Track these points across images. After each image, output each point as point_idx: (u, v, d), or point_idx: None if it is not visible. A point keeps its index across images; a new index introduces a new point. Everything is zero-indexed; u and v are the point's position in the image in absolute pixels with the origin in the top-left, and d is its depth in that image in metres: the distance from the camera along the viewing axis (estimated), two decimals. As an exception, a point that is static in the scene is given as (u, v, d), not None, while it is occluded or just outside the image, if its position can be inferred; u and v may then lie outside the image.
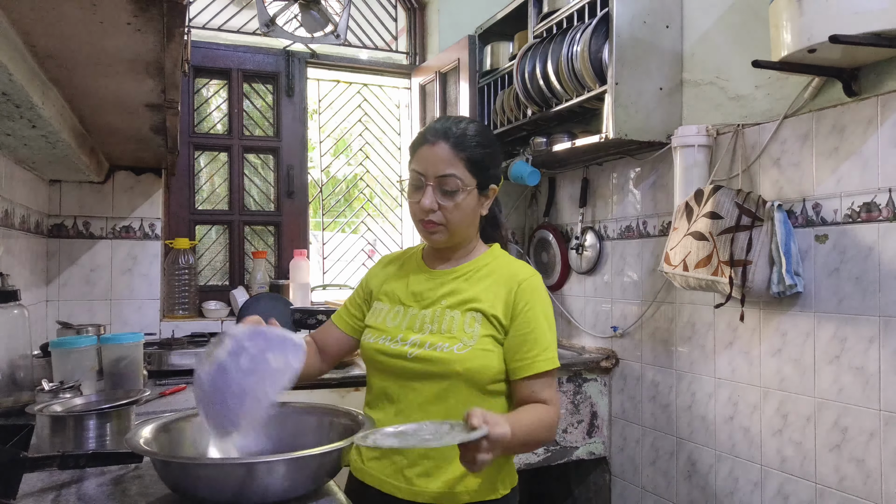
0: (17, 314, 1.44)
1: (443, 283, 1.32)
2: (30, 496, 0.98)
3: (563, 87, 2.40)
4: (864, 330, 1.70)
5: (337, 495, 1.00)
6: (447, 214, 1.25)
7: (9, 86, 1.11)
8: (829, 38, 1.50)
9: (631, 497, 2.53)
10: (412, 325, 1.29)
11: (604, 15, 2.20)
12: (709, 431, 2.18)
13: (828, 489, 1.78)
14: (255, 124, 3.20)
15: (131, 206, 2.64)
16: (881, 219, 1.66)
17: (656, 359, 2.41)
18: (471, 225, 1.31)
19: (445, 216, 1.26)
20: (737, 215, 1.85)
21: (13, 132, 1.49)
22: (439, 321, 1.27)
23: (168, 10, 0.95)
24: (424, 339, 1.25)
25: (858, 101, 1.71)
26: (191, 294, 2.82)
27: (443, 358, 1.21)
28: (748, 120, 2.03)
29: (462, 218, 1.27)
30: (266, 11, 2.96)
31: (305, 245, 3.18)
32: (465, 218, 1.28)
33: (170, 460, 0.95)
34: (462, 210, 1.26)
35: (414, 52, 3.49)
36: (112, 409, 1.20)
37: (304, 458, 0.95)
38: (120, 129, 1.83)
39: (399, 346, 1.26)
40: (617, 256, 2.61)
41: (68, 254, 2.55)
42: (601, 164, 2.67)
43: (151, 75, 1.29)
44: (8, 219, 1.89)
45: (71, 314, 2.51)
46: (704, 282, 1.92)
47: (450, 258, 1.35)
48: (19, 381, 1.44)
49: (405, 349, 1.25)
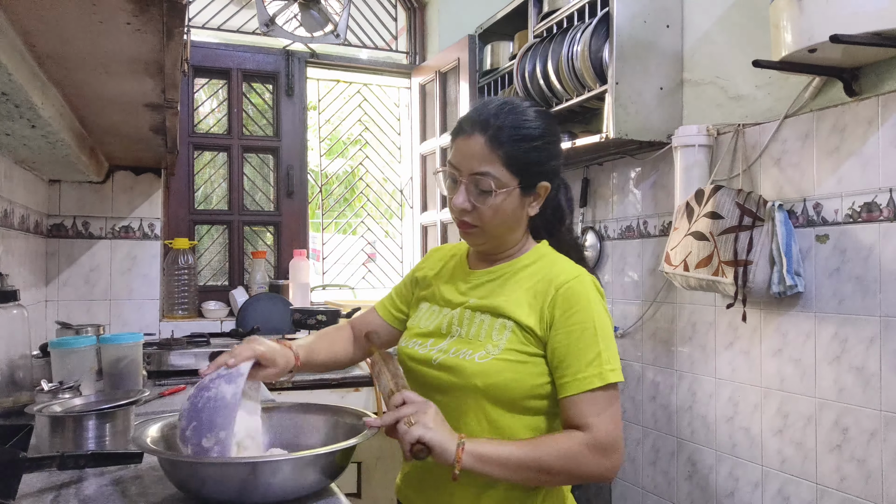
0: (17, 314, 1.44)
1: (477, 286, 1.17)
2: (29, 496, 0.98)
3: (563, 86, 2.40)
4: (864, 330, 1.69)
5: (339, 496, 1.00)
6: (483, 216, 1.10)
7: (8, 86, 1.11)
8: (830, 37, 1.49)
9: (631, 497, 2.53)
10: (444, 328, 1.16)
11: (604, 15, 2.20)
12: (709, 432, 2.18)
13: (828, 489, 1.78)
14: (255, 124, 3.20)
15: (131, 206, 2.63)
16: (882, 219, 1.66)
17: (657, 359, 2.40)
18: (514, 228, 1.15)
19: (481, 218, 1.10)
20: (737, 215, 1.85)
21: (13, 132, 1.49)
22: (468, 325, 1.13)
23: (168, 10, 0.94)
24: (451, 344, 1.12)
25: (859, 101, 1.71)
26: (190, 294, 2.82)
27: (463, 367, 1.07)
28: (748, 120, 2.02)
29: (501, 221, 1.11)
30: (266, 11, 2.96)
31: (305, 245, 3.18)
32: (505, 221, 1.11)
33: (177, 459, 0.95)
34: (500, 213, 1.10)
35: (414, 51, 3.48)
36: (112, 410, 1.20)
37: (308, 458, 0.95)
38: (120, 129, 1.83)
39: (427, 350, 1.14)
40: (617, 256, 2.61)
41: (68, 254, 2.55)
42: (601, 164, 2.67)
43: (151, 75, 1.28)
44: (7, 219, 1.89)
45: (70, 314, 2.50)
46: (705, 282, 1.92)
47: (491, 259, 1.20)
48: (19, 382, 1.43)
49: (432, 354, 1.13)
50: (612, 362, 1.04)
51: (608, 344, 1.06)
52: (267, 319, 2.76)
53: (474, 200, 1.09)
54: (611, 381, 1.03)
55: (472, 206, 1.09)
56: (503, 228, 1.13)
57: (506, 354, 1.06)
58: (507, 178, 1.08)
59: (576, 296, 1.07)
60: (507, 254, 1.18)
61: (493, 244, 1.16)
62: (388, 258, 3.55)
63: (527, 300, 1.10)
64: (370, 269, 3.51)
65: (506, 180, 1.08)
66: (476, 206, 1.09)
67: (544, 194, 1.15)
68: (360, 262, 3.48)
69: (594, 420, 1.02)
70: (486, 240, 1.14)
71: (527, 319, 1.08)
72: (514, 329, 1.08)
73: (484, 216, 1.10)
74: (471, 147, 1.09)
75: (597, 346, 1.04)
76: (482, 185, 1.08)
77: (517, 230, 1.16)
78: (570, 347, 1.05)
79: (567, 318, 1.06)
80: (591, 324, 1.05)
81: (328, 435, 1.13)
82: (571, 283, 1.08)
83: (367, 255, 3.50)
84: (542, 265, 1.14)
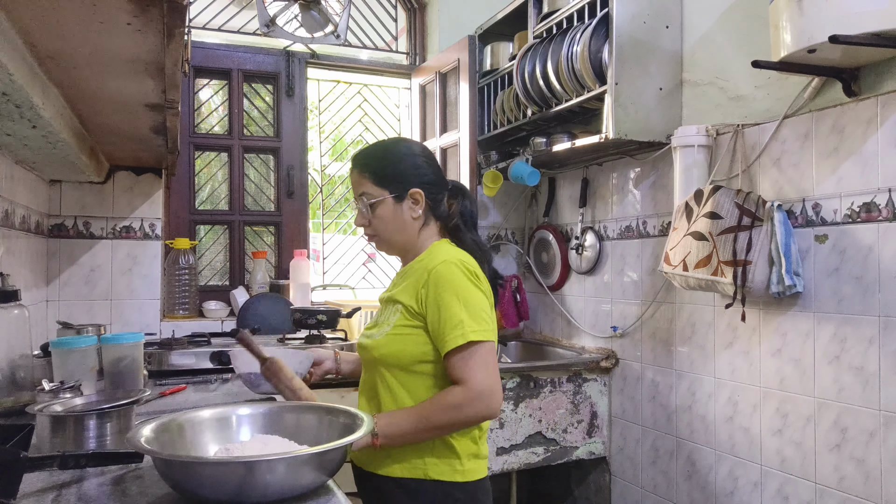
0: (18, 314, 1.44)
1: (396, 284, 1.44)
2: (30, 496, 0.98)
3: (563, 87, 2.40)
4: (863, 330, 1.70)
5: (337, 494, 1.00)
6: (375, 227, 1.40)
7: (9, 86, 1.11)
8: (829, 38, 1.50)
9: (631, 497, 2.54)
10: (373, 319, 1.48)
11: (604, 15, 2.20)
12: (709, 431, 2.18)
13: (828, 489, 1.78)
14: (256, 124, 3.21)
15: (131, 206, 2.64)
16: (881, 219, 1.66)
17: (656, 359, 2.41)
18: (401, 231, 1.40)
19: (374, 228, 1.40)
20: (737, 215, 1.86)
21: (13, 132, 1.49)
22: (382, 314, 1.43)
23: (168, 11, 0.95)
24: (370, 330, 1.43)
25: (858, 102, 1.71)
26: (191, 294, 2.82)
27: (368, 345, 1.37)
28: (748, 120, 2.03)
29: (386, 227, 1.39)
30: (266, 11, 2.96)
31: (306, 245, 3.18)
32: (390, 226, 1.39)
33: (171, 459, 0.95)
34: (383, 220, 1.39)
35: (414, 52, 3.49)
36: (112, 409, 1.20)
37: (303, 457, 0.95)
38: (120, 129, 1.83)
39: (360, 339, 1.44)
40: (617, 256, 2.61)
41: (68, 254, 2.55)
42: (601, 165, 2.67)
43: (151, 75, 1.29)
44: (8, 219, 1.89)
45: (71, 314, 2.51)
46: (704, 282, 1.92)
47: (405, 262, 1.46)
48: (19, 381, 1.44)
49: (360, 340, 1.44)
50: (473, 325, 1.26)
51: (472, 311, 1.27)
52: (267, 319, 2.76)
53: (365, 216, 1.40)
54: (472, 339, 1.24)
55: (365, 220, 1.40)
56: (393, 233, 1.40)
57: (394, 330, 1.34)
58: (377, 191, 1.38)
59: (441, 276, 1.30)
60: (412, 254, 1.43)
61: (394, 248, 1.44)
62: (388, 258, 3.55)
63: (411, 286, 1.35)
64: (370, 269, 3.51)
65: (377, 193, 1.38)
66: (368, 220, 1.39)
67: (422, 199, 1.39)
68: (360, 262, 3.48)
69: (468, 373, 1.25)
70: (386, 246, 1.44)
71: (409, 301, 1.34)
72: (401, 311, 1.34)
73: (376, 227, 1.40)
74: (352, 179, 1.42)
75: (459, 313, 1.26)
76: (362, 203, 1.39)
77: (406, 232, 1.41)
78: (438, 317, 1.28)
79: (436, 295, 1.29)
80: (453, 296, 1.28)
81: (325, 433, 1.14)
82: (438, 267, 1.31)
83: (367, 255, 3.50)
84: (428, 258, 1.38)
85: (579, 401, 2.57)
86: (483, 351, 1.26)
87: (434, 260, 1.35)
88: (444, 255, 1.36)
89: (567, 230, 2.91)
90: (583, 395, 2.58)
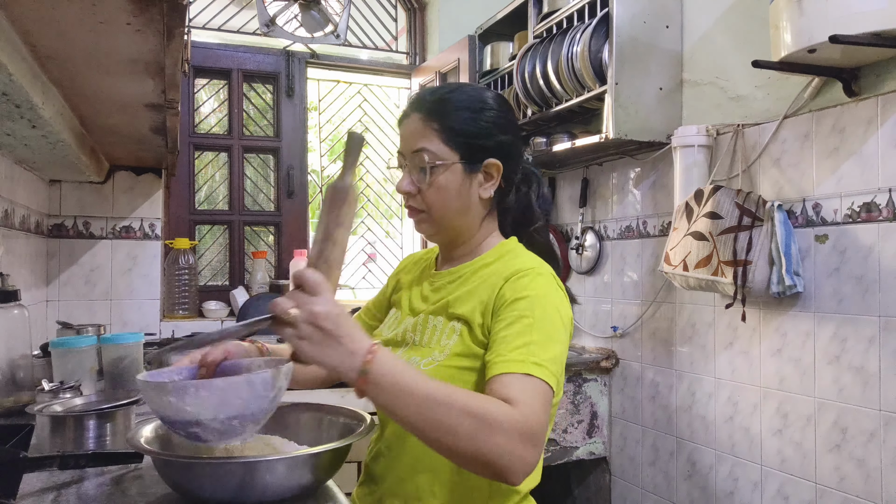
0: (18, 314, 1.44)
1: (439, 288, 1.10)
2: (30, 496, 0.98)
3: (563, 87, 2.40)
4: (864, 330, 1.70)
5: (336, 494, 1.00)
6: (426, 199, 1.04)
7: (9, 86, 1.11)
8: (829, 38, 1.50)
9: (631, 497, 2.53)
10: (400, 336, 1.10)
11: (604, 15, 2.20)
12: (709, 431, 2.18)
13: (828, 489, 1.78)
14: (256, 124, 3.21)
15: (131, 206, 2.64)
16: (881, 219, 1.66)
17: (656, 359, 2.41)
18: (462, 211, 1.06)
19: (425, 201, 1.04)
20: (737, 215, 1.86)
21: (13, 132, 1.49)
22: (422, 331, 1.07)
23: (168, 10, 0.95)
24: (404, 353, 1.06)
25: (858, 102, 1.71)
26: (191, 294, 2.82)
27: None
28: (748, 120, 2.03)
29: (445, 201, 1.04)
30: (266, 11, 2.96)
31: (306, 245, 3.18)
32: (450, 201, 1.04)
33: (171, 459, 0.95)
34: (443, 192, 1.03)
35: (414, 52, 3.49)
36: (112, 409, 1.20)
37: (303, 457, 0.95)
38: (120, 129, 1.83)
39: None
40: (617, 256, 2.61)
41: (68, 254, 2.55)
42: (601, 164, 2.67)
43: (151, 75, 1.29)
44: (8, 219, 1.89)
45: (71, 314, 2.51)
46: (704, 282, 1.92)
47: (453, 257, 1.12)
48: (19, 381, 1.44)
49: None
50: (538, 356, 0.90)
51: (544, 340, 0.93)
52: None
53: (416, 182, 1.04)
54: (530, 372, 0.89)
55: (415, 188, 1.04)
56: (450, 212, 1.05)
57: (451, 360, 1.00)
58: (444, 152, 1.03)
59: (523, 287, 0.98)
60: (467, 249, 1.11)
61: (445, 234, 1.10)
62: (388, 258, 3.55)
63: (479, 296, 1.02)
64: (370, 269, 3.51)
65: (443, 154, 1.03)
66: (419, 188, 1.04)
67: (497, 174, 1.06)
68: (360, 262, 3.49)
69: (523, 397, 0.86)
70: (436, 228, 1.08)
71: (474, 315, 1.00)
72: (462, 331, 1.01)
73: (428, 198, 1.04)
74: (408, 127, 1.05)
75: (529, 336, 0.93)
76: (421, 163, 1.03)
77: (467, 215, 1.07)
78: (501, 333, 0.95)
79: (508, 307, 0.97)
80: (529, 315, 0.95)
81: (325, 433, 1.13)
82: (526, 272, 1.00)
83: (367, 255, 3.51)
84: (504, 261, 1.06)
85: (579, 401, 2.57)
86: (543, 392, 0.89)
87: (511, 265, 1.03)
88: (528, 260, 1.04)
89: (567, 230, 2.91)
90: (583, 395, 2.58)
